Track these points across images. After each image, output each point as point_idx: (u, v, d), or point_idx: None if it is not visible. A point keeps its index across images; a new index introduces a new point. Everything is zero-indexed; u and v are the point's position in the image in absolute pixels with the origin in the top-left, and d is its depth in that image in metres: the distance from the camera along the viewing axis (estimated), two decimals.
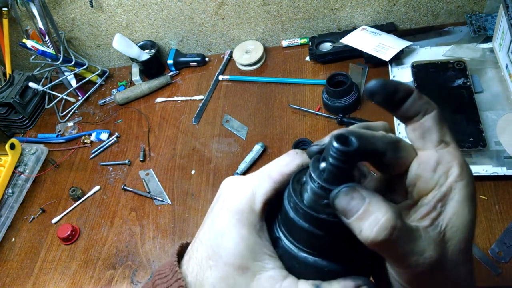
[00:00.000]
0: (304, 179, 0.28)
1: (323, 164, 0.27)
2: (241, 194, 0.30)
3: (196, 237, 0.32)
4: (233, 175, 0.92)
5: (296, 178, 0.29)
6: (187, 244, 0.33)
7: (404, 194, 0.30)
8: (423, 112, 0.29)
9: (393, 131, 0.32)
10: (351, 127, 0.30)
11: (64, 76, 1.23)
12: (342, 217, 0.26)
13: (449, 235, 0.26)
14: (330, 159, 0.26)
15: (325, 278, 0.28)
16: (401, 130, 0.87)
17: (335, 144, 0.25)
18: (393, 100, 0.28)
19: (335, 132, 0.27)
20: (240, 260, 0.28)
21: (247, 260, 0.28)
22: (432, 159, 0.28)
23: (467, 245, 0.27)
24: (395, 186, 0.31)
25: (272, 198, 0.30)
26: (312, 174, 0.27)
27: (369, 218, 0.24)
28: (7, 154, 1.06)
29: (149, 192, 0.98)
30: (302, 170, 0.30)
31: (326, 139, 0.29)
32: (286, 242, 0.29)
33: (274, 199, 0.30)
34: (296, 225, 0.28)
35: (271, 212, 0.31)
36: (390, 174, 0.31)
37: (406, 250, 0.25)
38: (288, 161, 0.30)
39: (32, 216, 1.02)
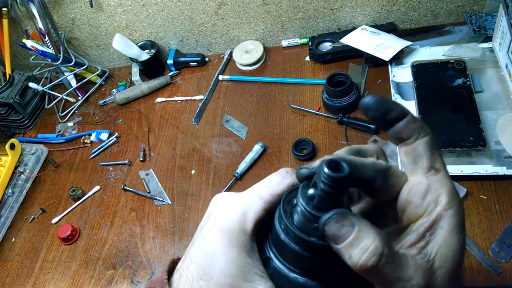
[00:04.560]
0: (295, 201, 0.29)
1: (311, 191, 0.27)
2: (232, 213, 0.30)
3: (186, 254, 0.32)
4: (234, 175, 0.93)
5: (287, 199, 0.30)
6: (178, 259, 0.34)
7: (394, 219, 0.31)
8: (416, 136, 0.29)
9: (385, 155, 0.33)
10: (340, 152, 0.30)
11: (64, 76, 1.23)
12: (331, 243, 0.26)
13: (438, 263, 0.27)
14: (321, 185, 0.26)
15: None
16: None
17: (326, 170, 0.25)
18: (386, 118, 0.29)
19: (326, 157, 0.28)
20: (231, 280, 0.28)
21: (238, 281, 0.28)
22: (421, 185, 0.29)
23: (456, 272, 0.27)
24: (385, 210, 0.32)
25: (263, 218, 0.30)
26: (301, 201, 0.27)
27: (359, 245, 0.25)
28: (7, 154, 1.06)
29: (149, 192, 0.98)
30: (293, 191, 0.30)
31: (316, 163, 0.29)
32: (277, 262, 0.29)
33: (265, 218, 0.30)
34: (287, 247, 0.28)
35: (262, 231, 0.31)
36: (380, 200, 0.32)
37: (393, 276, 0.25)
38: (279, 181, 0.31)
39: (32, 216, 1.02)
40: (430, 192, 0.28)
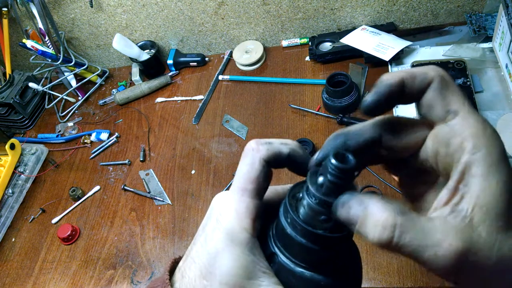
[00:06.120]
0: (300, 195, 0.29)
1: (320, 179, 0.28)
2: (229, 212, 0.30)
3: (187, 254, 0.32)
4: (233, 175, 0.92)
5: (291, 193, 0.30)
6: (180, 258, 0.34)
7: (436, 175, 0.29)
8: (424, 87, 0.27)
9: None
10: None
11: (64, 76, 1.23)
12: (352, 227, 0.26)
13: (479, 217, 0.24)
14: (329, 176, 0.26)
15: None
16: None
17: (333, 161, 0.26)
18: (393, 99, 0.29)
19: (338, 131, 0.28)
20: (235, 279, 0.28)
21: (242, 279, 0.28)
22: (442, 133, 0.26)
23: (504, 219, 0.24)
24: (424, 168, 0.29)
25: (258, 210, 0.30)
26: (310, 188, 0.28)
27: (370, 222, 0.24)
28: (7, 154, 1.06)
29: (149, 192, 0.98)
30: (297, 186, 0.31)
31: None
32: (282, 257, 0.30)
33: (264, 215, 0.30)
34: (293, 240, 0.28)
35: (263, 226, 0.31)
36: (402, 163, 0.30)
37: (418, 245, 0.24)
38: (249, 167, 0.29)
39: (32, 216, 1.02)
40: (454, 138, 0.25)
